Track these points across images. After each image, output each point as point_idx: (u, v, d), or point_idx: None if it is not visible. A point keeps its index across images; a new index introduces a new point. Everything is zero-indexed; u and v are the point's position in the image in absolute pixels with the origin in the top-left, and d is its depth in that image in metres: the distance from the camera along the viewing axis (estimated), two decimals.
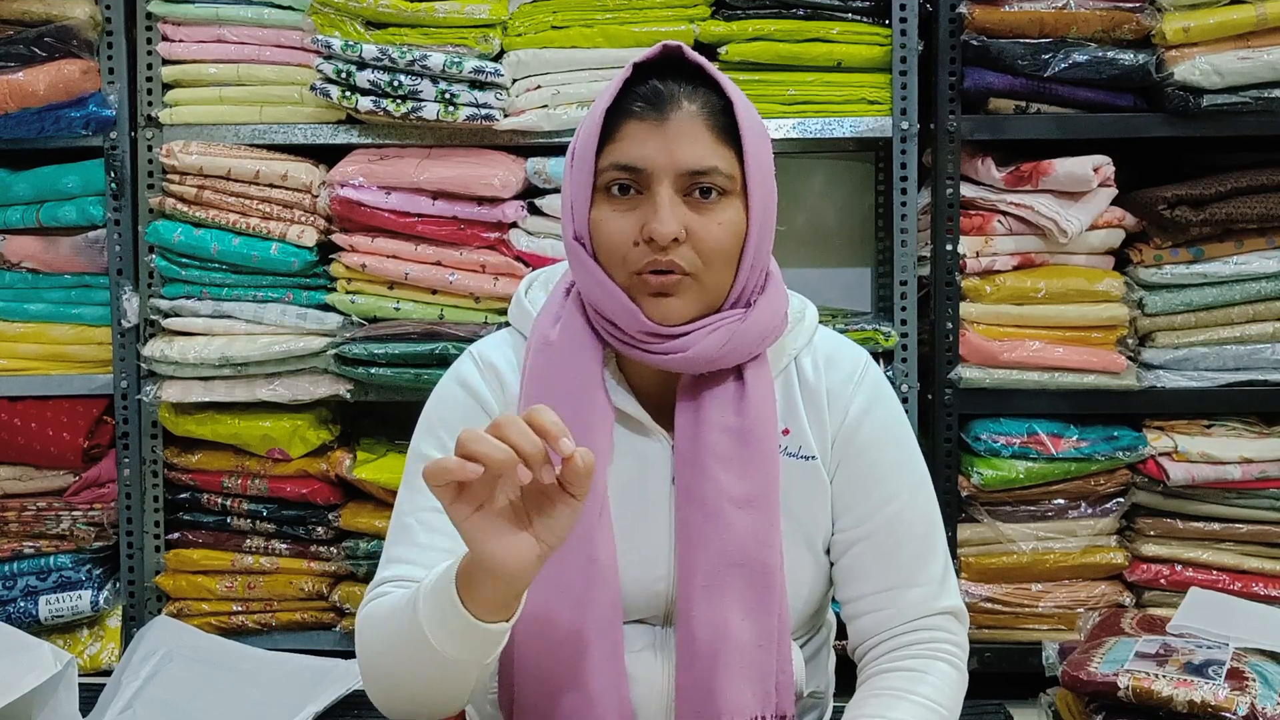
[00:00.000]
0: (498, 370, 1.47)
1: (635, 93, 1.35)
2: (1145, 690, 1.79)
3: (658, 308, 1.35)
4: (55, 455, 2.67)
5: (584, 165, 1.36)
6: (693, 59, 1.37)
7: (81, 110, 2.62)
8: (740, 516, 1.38)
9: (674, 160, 1.33)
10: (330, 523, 2.68)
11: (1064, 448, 2.56)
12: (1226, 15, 2.47)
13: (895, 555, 1.45)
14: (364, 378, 2.58)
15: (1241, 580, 2.58)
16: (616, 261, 1.36)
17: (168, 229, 2.62)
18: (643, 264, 1.34)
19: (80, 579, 2.70)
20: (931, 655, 1.43)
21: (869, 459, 1.46)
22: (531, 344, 1.45)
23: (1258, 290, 2.58)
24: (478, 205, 2.57)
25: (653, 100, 1.34)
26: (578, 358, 1.41)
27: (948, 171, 2.58)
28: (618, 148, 1.35)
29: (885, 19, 2.56)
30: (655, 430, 1.44)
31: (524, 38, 2.58)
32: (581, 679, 1.37)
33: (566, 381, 1.41)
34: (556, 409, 1.28)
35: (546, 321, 1.45)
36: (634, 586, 1.42)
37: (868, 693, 1.42)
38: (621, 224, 1.35)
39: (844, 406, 1.46)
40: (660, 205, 1.32)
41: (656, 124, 1.34)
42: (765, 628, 1.39)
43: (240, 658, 2.56)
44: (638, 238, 1.34)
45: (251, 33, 2.64)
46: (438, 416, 1.47)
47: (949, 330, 2.59)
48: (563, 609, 1.38)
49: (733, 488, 1.39)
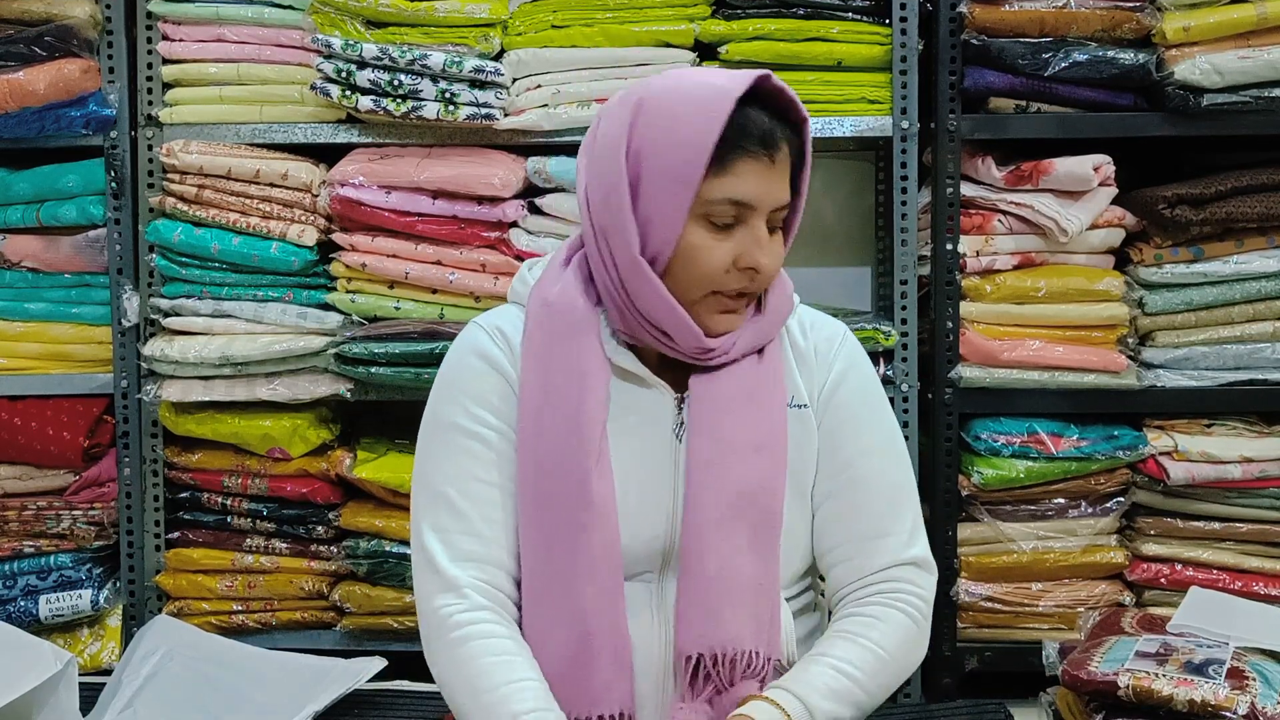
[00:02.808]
0: (504, 333, 1.53)
1: (744, 128, 1.39)
2: (1145, 689, 1.79)
3: (724, 322, 1.47)
4: (55, 454, 2.67)
5: (683, 189, 1.39)
6: (790, 96, 1.43)
7: (82, 109, 2.62)
8: (753, 458, 1.47)
9: (775, 199, 1.43)
10: (330, 522, 2.68)
11: (1064, 447, 2.56)
12: (1227, 14, 2.47)
13: (866, 507, 1.54)
14: (364, 377, 2.58)
15: (1241, 579, 2.58)
16: (701, 284, 1.43)
17: (168, 228, 2.62)
18: (733, 289, 1.44)
19: (80, 578, 2.70)
20: (890, 604, 1.50)
21: (844, 415, 1.56)
22: (531, 307, 1.52)
23: (1258, 290, 2.57)
24: (478, 204, 2.57)
25: (766, 141, 1.41)
26: (574, 316, 1.49)
27: (948, 171, 2.58)
28: (731, 183, 1.40)
29: (885, 18, 2.56)
30: (656, 383, 1.51)
31: (524, 37, 2.58)
32: (579, 617, 1.42)
33: (563, 338, 1.48)
34: (554, 361, 1.45)
35: (545, 286, 1.53)
36: (633, 534, 1.46)
37: (825, 636, 1.51)
38: (719, 253, 1.42)
39: (828, 365, 1.57)
40: (762, 240, 1.43)
41: (768, 164, 1.41)
42: (766, 569, 1.47)
43: (240, 657, 2.56)
44: (731, 266, 1.42)
45: (252, 32, 2.64)
46: (460, 385, 1.52)
47: (949, 329, 2.59)
48: (560, 555, 1.43)
49: (747, 432, 1.47)
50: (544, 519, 1.44)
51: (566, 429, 1.44)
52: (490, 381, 1.51)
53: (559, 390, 1.46)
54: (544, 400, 1.46)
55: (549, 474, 1.44)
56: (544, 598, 1.45)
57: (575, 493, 1.43)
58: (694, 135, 1.38)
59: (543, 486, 1.45)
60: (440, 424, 1.52)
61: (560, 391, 1.46)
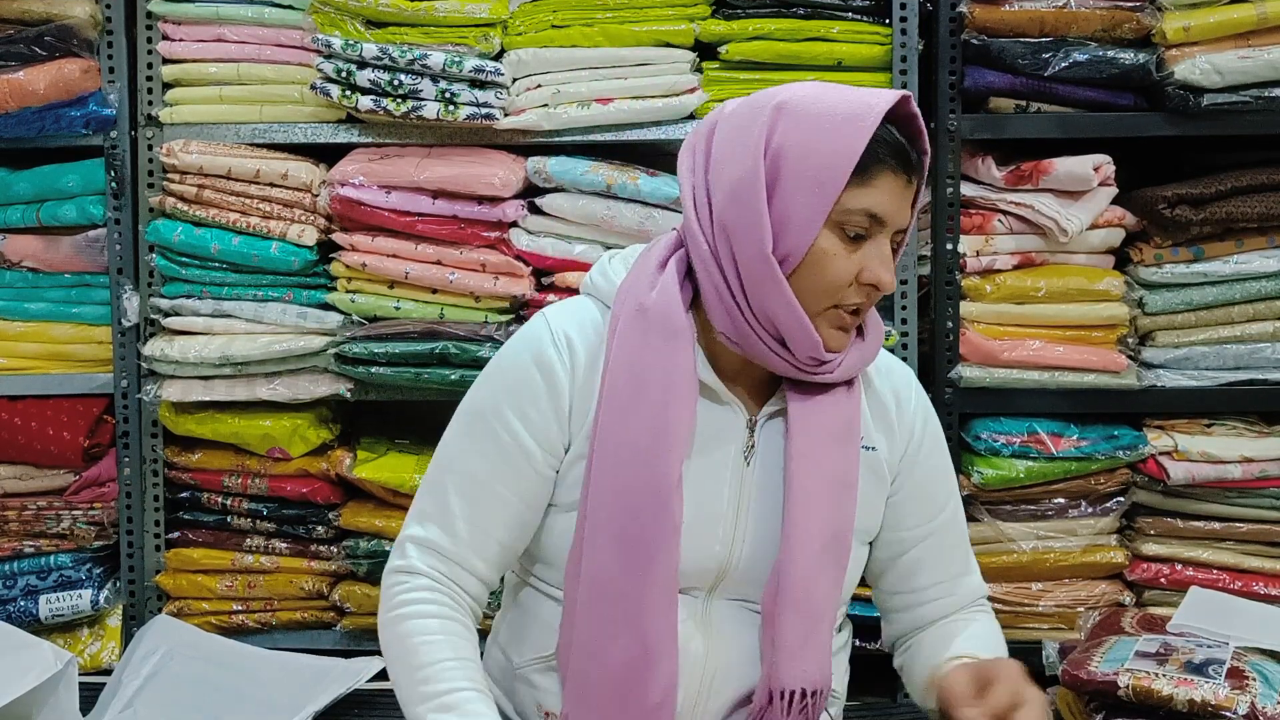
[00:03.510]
0: (572, 345, 1.50)
1: (886, 144, 1.41)
2: (1145, 689, 1.79)
3: (838, 339, 1.46)
4: (55, 454, 2.67)
5: (824, 193, 1.39)
6: (920, 127, 1.45)
7: (82, 109, 2.62)
8: (844, 495, 1.49)
9: (903, 218, 1.45)
10: (330, 522, 2.68)
11: (1064, 447, 2.56)
12: (1227, 14, 2.47)
13: (955, 549, 1.65)
14: (364, 377, 2.58)
15: (1241, 579, 2.58)
16: (825, 293, 1.43)
17: (168, 228, 2.62)
18: (852, 303, 1.44)
19: (80, 578, 2.70)
20: (986, 613, 1.70)
21: (932, 465, 1.61)
22: (623, 309, 1.48)
23: (1258, 289, 2.57)
24: (478, 204, 2.57)
25: (906, 162, 1.42)
26: (673, 325, 1.46)
27: (948, 170, 2.58)
28: (871, 195, 1.41)
29: (885, 18, 2.56)
30: (730, 401, 1.50)
31: (524, 37, 2.58)
32: (642, 632, 1.43)
33: (659, 344, 1.45)
34: (647, 372, 1.43)
35: (640, 288, 1.49)
36: (691, 552, 1.46)
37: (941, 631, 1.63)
38: (847, 264, 1.42)
39: (911, 415, 1.60)
40: (887, 259, 1.44)
41: (906, 184, 1.43)
42: (839, 605, 1.52)
43: (240, 657, 2.56)
44: (854, 279, 1.43)
45: (252, 32, 2.64)
46: (508, 388, 1.51)
47: (949, 329, 2.59)
48: (630, 569, 1.43)
49: (839, 469, 1.49)
50: (614, 527, 1.43)
51: (653, 441, 1.43)
52: (539, 398, 1.48)
53: (649, 400, 1.44)
54: (630, 407, 1.44)
55: (630, 485, 1.43)
56: (607, 608, 1.44)
57: (656, 509, 1.42)
58: (841, 142, 1.38)
59: (619, 494, 1.44)
60: (474, 414, 1.52)
61: (650, 401, 1.44)
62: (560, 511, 1.50)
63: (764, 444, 1.50)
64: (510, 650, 1.56)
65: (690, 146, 1.50)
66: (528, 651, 1.52)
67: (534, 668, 1.52)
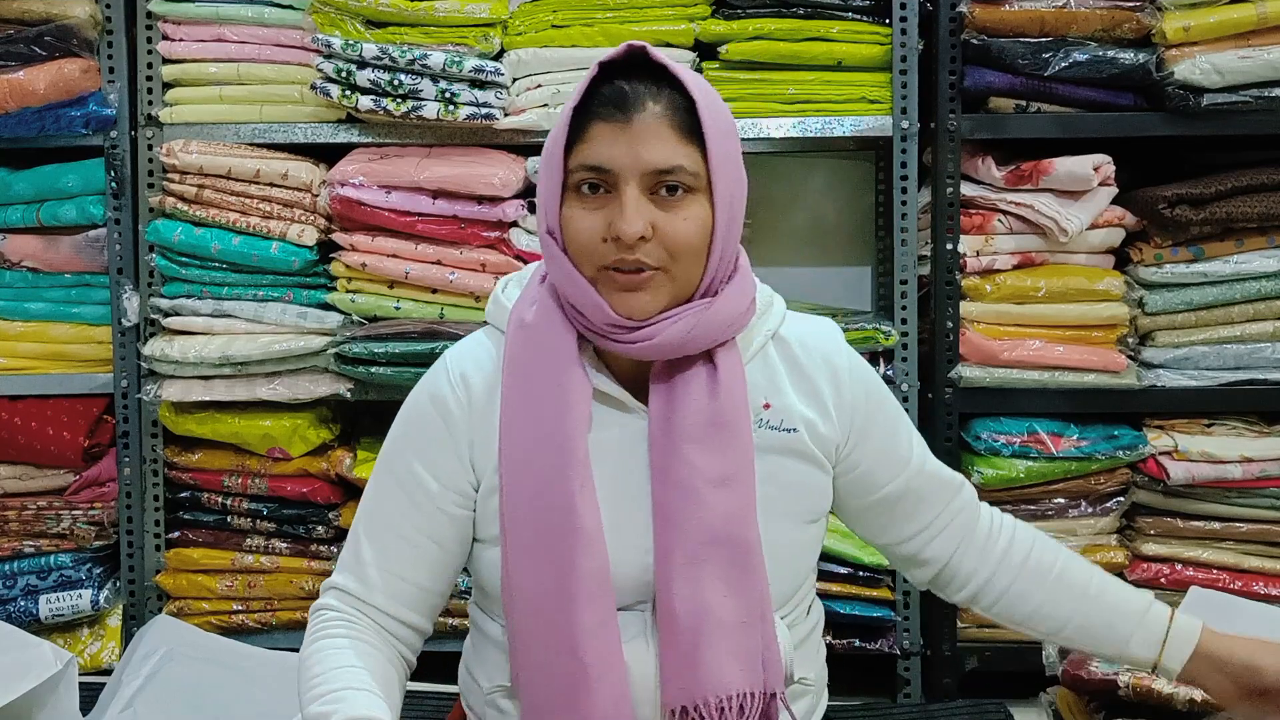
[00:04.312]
0: (468, 382, 1.49)
1: (601, 94, 1.39)
2: (1145, 688, 1.79)
3: (625, 302, 1.40)
4: (55, 454, 2.67)
5: (553, 164, 1.40)
6: (656, 58, 1.40)
7: (82, 109, 2.62)
8: (717, 495, 1.42)
9: (639, 161, 1.37)
10: (330, 522, 2.68)
11: (1064, 447, 2.56)
12: (1227, 14, 2.47)
13: (938, 477, 1.61)
14: (364, 377, 2.58)
15: (1241, 579, 2.58)
16: (585, 257, 1.40)
17: (168, 228, 2.62)
18: (610, 260, 1.39)
19: (80, 578, 2.70)
20: (1013, 523, 1.68)
21: (884, 415, 1.57)
22: (509, 330, 1.49)
23: (1258, 289, 2.57)
24: (478, 204, 2.57)
25: (618, 102, 1.38)
26: (553, 337, 1.45)
27: (948, 170, 2.58)
28: (586, 149, 1.39)
29: (885, 18, 2.56)
30: (636, 407, 1.47)
31: (524, 37, 2.58)
32: (576, 651, 1.39)
33: (543, 359, 1.45)
34: (536, 385, 1.41)
35: (522, 306, 1.50)
36: (621, 559, 1.43)
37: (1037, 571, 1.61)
38: (590, 222, 1.39)
39: (850, 385, 1.54)
40: (626, 205, 1.37)
41: (623, 125, 1.38)
42: (748, 604, 1.42)
43: (241, 657, 2.55)
44: (605, 235, 1.38)
45: (252, 32, 2.65)
46: (409, 434, 1.51)
47: (949, 329, 2.59)
48: (551, 579, 1.40)
49: (708, 468, 1.42)
50: (535, 548, 1.41)
51: (552, 454, 1.41)
52: (441, 440, 1.48)
53: (543, 415, 1.42)
54: (528, 427, 1.43)
55: (537, 501, 1.41)
56: (538, 630, 1.42)
57: (563, 520, 1.40)
58: (565, 112, 1.40)
59: (531, 515, 1.42)
60: (382, 462, 1.52)
61: (544, 417, 1.42)
62: (487, 545, 1.49)
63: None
64: (477, 673, 1.55)
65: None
66: (495, 677, 1.51)
67: (499, 694, 1.50)
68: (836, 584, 2.59)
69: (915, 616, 2.63)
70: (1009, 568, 1.61)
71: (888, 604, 2.60)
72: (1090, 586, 1.60)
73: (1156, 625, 1.57)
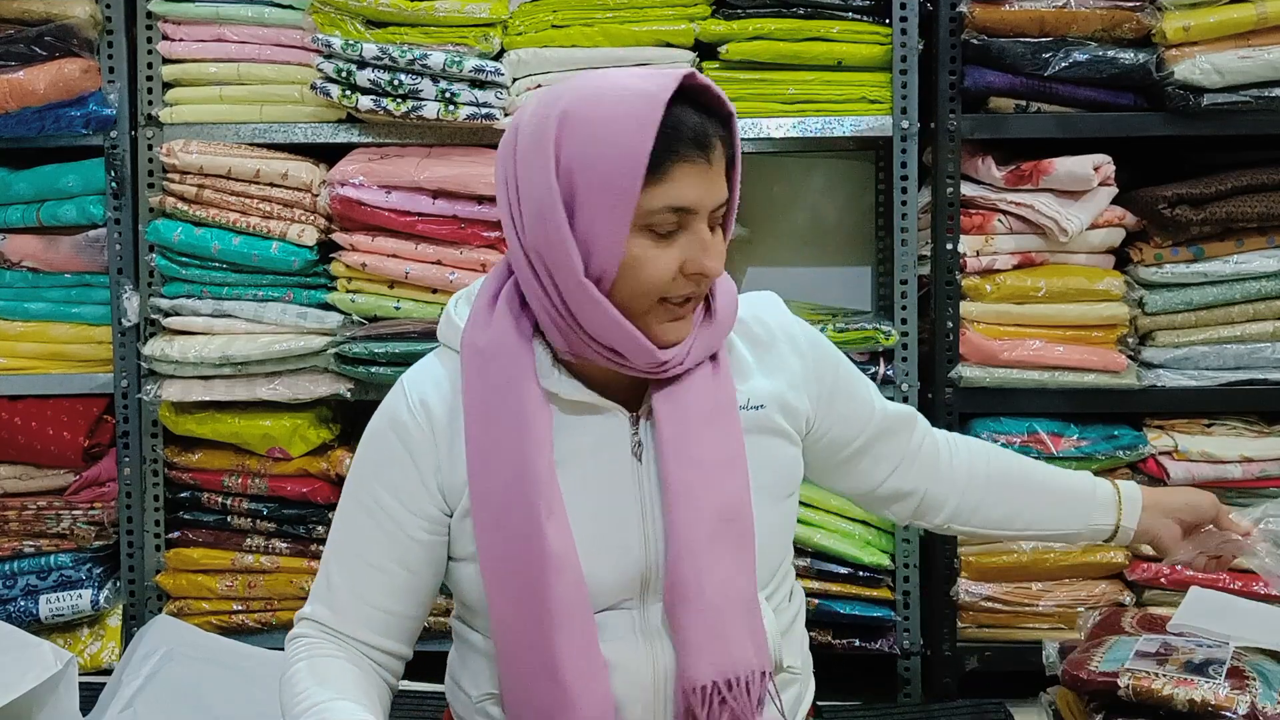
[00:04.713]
0: (428, 407, 1.47)
1: (676, 131, 1.33)
2: (1145, 689, 1.79)
3: (675, 331, 1.41)
4: (56, 454, 2.67)
5: (622, 205, 1.32)
6: (716, 93, 1.38)
7: (82, 109, 2.62)
8: (725, 476, 1.45)
9: (714, 199, 1.37)
10: (330, 522, 2.68)
11: (1064, 447, 2.56)
12: (1227, 14, 2.47)
13: (896, 415, 1.66)
14: (364, 377, 2.58)
15: (1241, 579, 2.57)
16: (648, 295, 1.37)
17: (168, 228, 2.62)
18: (681, 295, 1.39)
19: (80, 578, 2.70)
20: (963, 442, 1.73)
21: (845, 375, 1.61)
22: (464, 356, 1.46)
23: (1258, 289, 2.58)
24: (478, 204, 2.57)
25: (700, 142, 1.35)
26: (507, 359, 1.43)
27: (948, 170, 2.58)
28: (670, 190, 1.34)
29: (886, 18, 2.56)
30: (609, 407, 1.45)
31: (524, 37, 2.59)
32: (556, 673, 1.39)
33: (500, 388, 1.42)
34: (494, 414, 1.39)
35: (474, 331, 1.45)
36: (606, 566, 1.43)
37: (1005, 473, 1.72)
38: (666, 260, 1.36)
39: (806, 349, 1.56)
40: (707, 244, 1.38)
41: (705, 166, 1.36)
42: (750, 584, 1.46)
43: (241, 657, 2.56)
44: (677, 272, 1.37)
45: (252, 31, 2.65)
46: (371, 461, 1.49)
47: (949, 329, 2.59)
48: (527, 613, 1.40)
49: (716, 450, 1.44)
50: (508, 576, 1.41)
51: (514, 483, 1.40)
52: (405, 467, 1.46)
53: (503, 444, 1.41)
54: (492, 458, 1.42)
55: (506, 531, 1.41)
56: (519, 652, 1.42)
57: (532, 548, 1.39)
58: (627, 146, 1.31)
59: (502, 543, 1.41)
60: (349, 494, 1.51)
61: (504, 445, 1.41)
62: (465, 563, 1.48)
63: (650, 437, 1.47)
64: (463, 682, 1.55)
65: (500, 161, 1.42)
66: (483, 685, 1.51)
67: (488, 701, 1.51)
68: (836, 584, 2.59)
69: (915, 616, 2.63)
70: (977, 483, 1.70)
71: (888, 604, 2.60)
72: (1044, 479, 1.74)
73: (1107, 492, 1.74)
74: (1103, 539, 1.76)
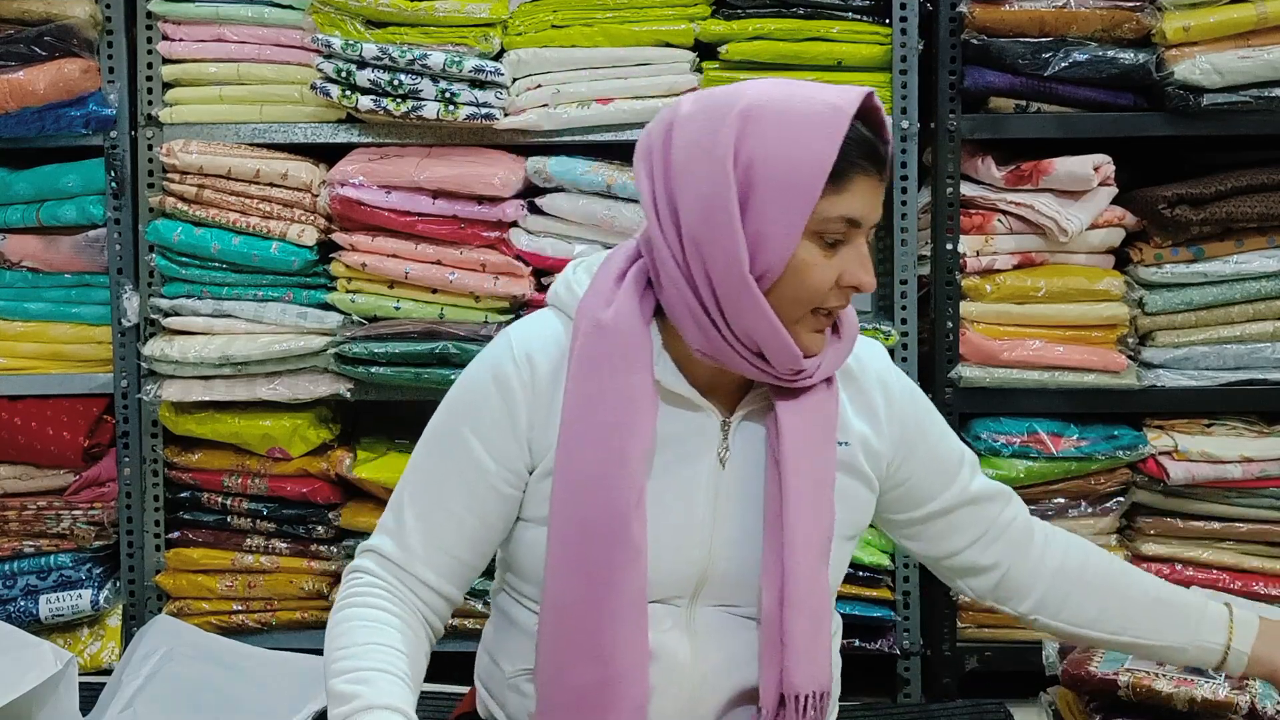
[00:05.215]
0: (533, 363, 1.47)
1: (858, 145, 1.37)
2: (1145, 688, 1.79)
3: (815, 342, 1.43)
4: (55, 454, 2.67)
5: (801, 205, 1.35)
6: (884, 118, 1.42)
7: (81, 109, 2.62)
8: (825, 496, 1.47)
9: (877, 216, 1.42)
10: (330, 522, 2.68)
11: (1064, 447, 2.56)
12: (1227, 14, 2.47)
13: (987, 488, 1.63)
14: (364, 377, 2.58)
15: (1241, 579, 2.58)
16: (804, 302, 1.39)
17: (168, 228, 2.62)
18: (831, 307, 1.41)
19: (80, 578, 2.70)
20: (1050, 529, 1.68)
21: (932, 430, 1.61)
22: (581, 326, 1.45)
23: (1258, 289, 2.57)
24: (478, 204, 2.57)
25: (878, 160, 1.39)
26: (629, 343, 1.43)
27: (948, 170, 2.58)
28: (847, 200, 1.37)
29: (885, 18, 2.56)
30: (705, 406, 1.47)
31: (524, 37, 2.58)
32: (605, 657, 1.41)
33: (615, 364, 1.42)
34: (603, 393, 1.39)
35: (597, 304, 1.45)
36: (668, 561, 1.44)
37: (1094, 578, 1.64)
38: (827, 271, 1.39)
39: (900, 402, 1.57)
40: (865, 259, 1.41)
41: (879, 182, 1.40)
42: (832, 604, 1.51)
43: (240, 656, 2.56)
44: (834, 284, 1.40)
45: (252, 32, 2.64)
46: (467, 409, 1.48)
47: (949, 329, 2.59)
48: (591, 596, 1.40)
49: (820, 470, 1.47)
50: (578, 554, 1.41)
51: (609, 466, 1.40)
52: (498, 417, 1.46)
53: (605, 424, 1.41)
54: (587, 432, 1.42)
55: (588, 514, 1.41)
56: (569, 633, 1.42)
57: (615, 534, 1.40)
58: (814, 149, 1.34)
59: (579, 521, 1.41)
60: (435, 434, 1.50)
61: (606, 425, 1.41)
62: (531, 525, 1.48)
63: (738, 446, 1.48)
64: (499, 658, 1.55)
65: (646, 151, 1.43)
66: (517, 661, 1.51)
67: (523, 678, 1.51)
68: None
69: (915, 616, 2.63)
70: (1069, 574, 1.63)
71: (888, 604, 2.60)
72: (1150, 587, 1.64)
73: (1220, 613, 1.62)
74: (1211, 663, 1.63)
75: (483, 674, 1.59)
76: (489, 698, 1.57)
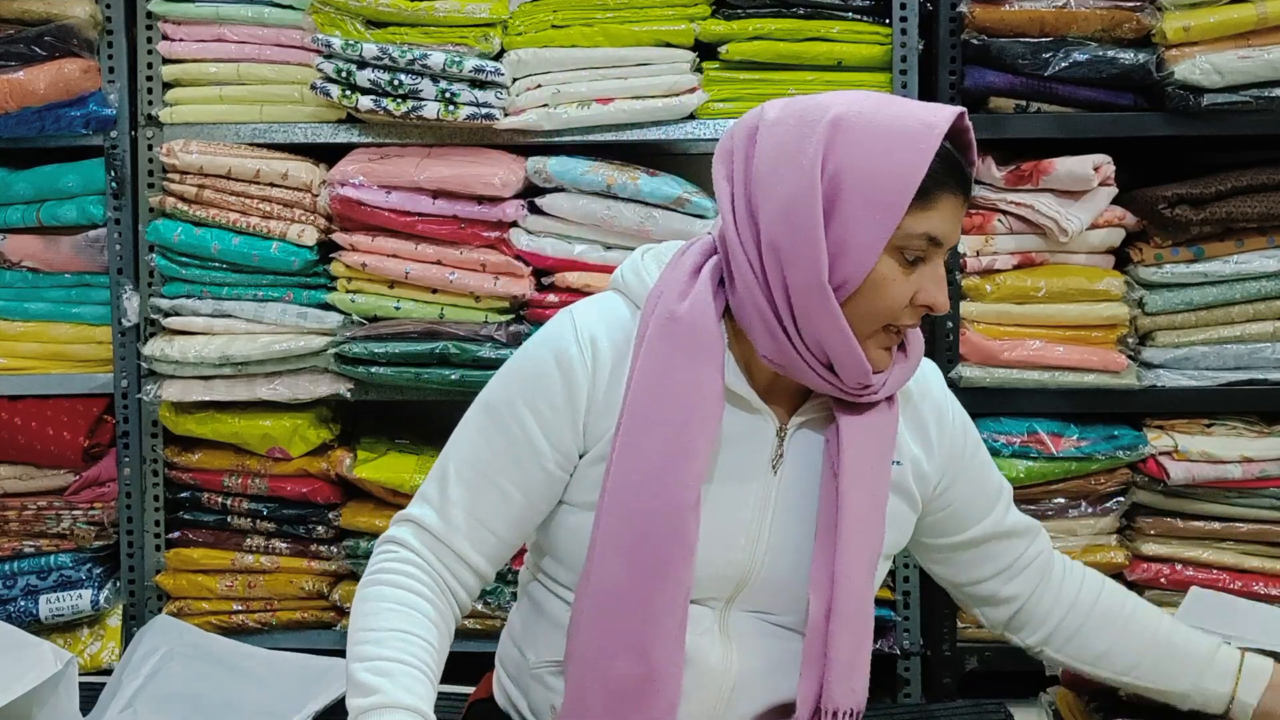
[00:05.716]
0: (597, 346, 1.46)
1: (946, 164, 1.37)
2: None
3: (884, 358, 1.43)
4: (55, 454, 2.67)
5: (887, 218, 1.34)
6: (972, 139, 1.42)
7: (82, 109, 2.62)
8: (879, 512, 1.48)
9: (956, 237, 1.42)
10: (330, 522, 2.68)
11: (1064, 447, 2.56)
12: (1227, 14, 2.47)
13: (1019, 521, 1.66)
14: (364, 377, 2.58)
15: (1242, 579, 2.58)
16: (879, 317, 1.39)
17: (168, 228, 2.62)
18: (904, 324, 1.41)
19: (80, 578, 2.70)
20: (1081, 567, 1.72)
21: (978, 458, 1.62)
22: (653, 316, 1.44)
23: (1258, 289, 2.57)
24: (478, 204, 2.57)
25: (964, 181, 1.39)
26: (702, 340, 1.42)
27: None
28: (932, 218, 1.37)
29: (885, 18, 2.56)
30: (763, 410, 1.46)
31: (524, 37, 2.58)
32: (645, 651, 1.40)
33: (685, 364, 1.41)
34: (671, 386, 1.39)
35: (672, 296, 1.44)
36: (712, 560, 1.44)
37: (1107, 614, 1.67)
38: (904, 287, 1.39)
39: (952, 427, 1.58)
40: (941, 280, 1.41)
41: (962, 203, 1.40)
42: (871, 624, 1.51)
43: (241, 657, 2.56)
44: (909, 301, 1.40)
45: (252, 31, 2.64)
46: (525, 385, 1.47)
47: (949, 329, 2.59)
48: (638, 586, 1.40)
49: (876, 486, 1.46)
50: (630, 544, 1.40)
51: (673, 459, 1.39)
52: (556, 397, 1.44)
53: (671, 417, 1.40)
54: (652, 423, 1.40)
55: (644, 506, 1.40)
56: (612, 623, 1.42)
57: (671, 528, 1.39)
58: (904, 164, 1.33)
59: (635, 512, 1.41)
60: (488, 405, 1.48)
61: (672, 418, 1.40)
62: (575, 510, 1.47)
63: (793, 453, 1.47)
64: (525, 647, 1.54)
65: (727, 153, 1.43)
66: (543, 652, 1.51)
67: (548, 669, 1.50)
68: None
69: (915, 616, 2.63)
70: (1081, 610, 1.65)
71: (888, 604, 2.60)
72: (1160, 628, 1.65)
73: (1229, 660, 1.63)
74: (1217, 708, 1.63)
75: (504, 660, 1.58)
76: (511, 686, 1.56)
